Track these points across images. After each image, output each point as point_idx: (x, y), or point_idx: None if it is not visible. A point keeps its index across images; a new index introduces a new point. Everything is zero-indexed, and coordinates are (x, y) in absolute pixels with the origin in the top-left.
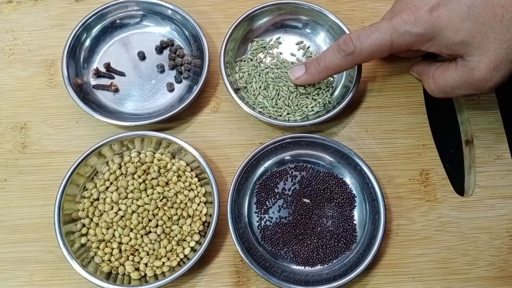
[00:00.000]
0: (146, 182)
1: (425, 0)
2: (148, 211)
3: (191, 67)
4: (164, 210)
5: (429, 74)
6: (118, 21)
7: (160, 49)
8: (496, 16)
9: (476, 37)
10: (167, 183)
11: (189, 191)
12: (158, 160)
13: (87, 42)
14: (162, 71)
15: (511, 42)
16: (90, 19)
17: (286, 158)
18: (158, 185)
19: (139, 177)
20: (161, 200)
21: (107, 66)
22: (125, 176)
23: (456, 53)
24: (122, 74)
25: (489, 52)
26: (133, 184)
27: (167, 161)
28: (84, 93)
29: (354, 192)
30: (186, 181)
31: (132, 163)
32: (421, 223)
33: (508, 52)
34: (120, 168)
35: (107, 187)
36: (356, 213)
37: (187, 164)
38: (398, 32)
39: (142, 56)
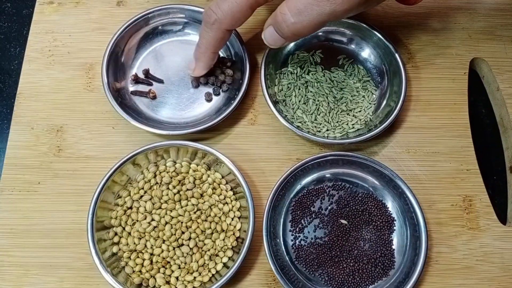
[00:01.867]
0: (181, 193)
1: None
2: (182, 223)
3: (232, 80)
4: (198, 223)
5: (281, 6)
6: (160, 27)
7: (212, 71)
8: None
9: None
10: (201, 195)
11: (224, 204)
12: (194, 171)
13: (128, 47)
14: (204, 84)
15: None
16: (132, 24)
17: (324, 176)
18: (192, 196)
19: (174, 187)
20: (195, 213)
21: (146, 72)
22: (159, 186)
23: None
24: (160, 81)
25: None
26: (167, 195)
27: (202, 172)
28: (121, 99)
29: (393, 215)
30: (221, 194)
31: (167, 172)
32: (463, 252)
33: None
34: (155, 177)
35: (141, 196)
36: (395, 238)
37: (223, 177)
38: None
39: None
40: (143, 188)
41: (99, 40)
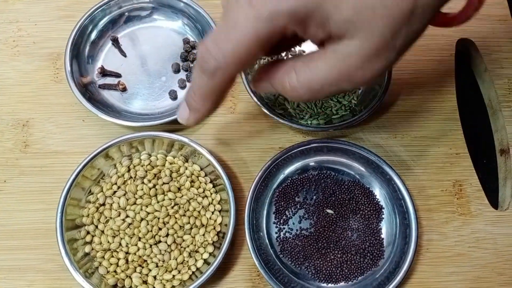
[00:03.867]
0: (157, 187)
1: None
2: (158, 218)
3: None
4: (176, 218)
5: (288, 69)
6: (126, 13)
7: (185, 57)
8: None
9: (362, 13)
10: (179, 189)
11: (203, 198)
12: (170, 164)
13: (93, 36)
14: (177, 71)
15: (400, 20)
16: (97, 11)
17: (308, 164)
18: (169, 190)
19: (149, 181)
20: (172, 207)
21: (102, 69)
22: (134, 180)
23: (334, 35)
24: (118, 75)
25: (374, 33)
26: (142, 189)
27: (179, 165)
28: (90, 93)
29: (382, 203)
30: (200, 187)
31: (142, 166)
32: (454, 239)
33: (394, 34)
34: (128, 171)
35: (114, 192)
36: (384, 227)
37: (201, 169)
38: (261, 17)
39: (173, 96)
40: (116, 183)
41: (67, 29)
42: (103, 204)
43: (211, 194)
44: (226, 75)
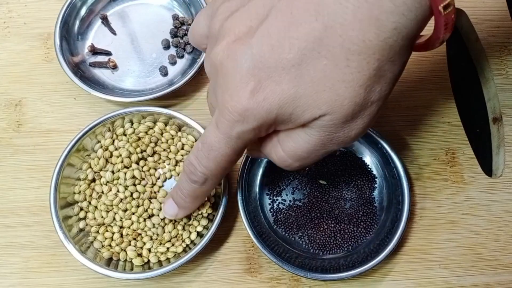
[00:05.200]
0: (145, 155)
1: (241, 84)
2: (150, 192)
3: None
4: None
5: (274, 142)
6: None
7: (175, 33)
8: (338, 61)
9: (321, 97)
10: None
11: None
12: (162, 132)
13: (82, 13)
14: (167, 47)
15: (367, 83)
16: None
17: None
18: (158, 159)
19: (135, 150)
20: (161, 179)
21: (92, 48)
22: (119, 152)
23: (308, 121)
24: (108, 53)
25: (343, 106)
26: (130, 160)
27: (172, 134)
28: (81, 71)
29: (374, 172)
30: None
31: (125, 135)
32: (447, 206)
33: (366, 96)
34: (113, 143)
35: (104, 166)
36: (376, 196)
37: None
38: (231, 138)
39: (164, 72)
40: (103, 157)
41: (56, 9)
42: (94, 180)
43: None
44: (215, 180)
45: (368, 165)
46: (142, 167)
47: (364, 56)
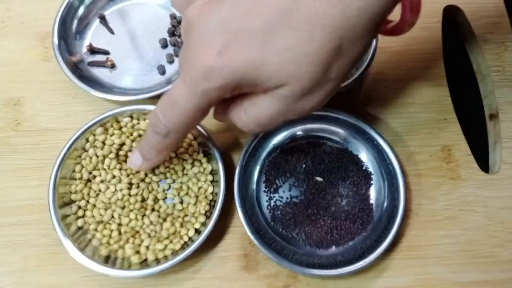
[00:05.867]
0: None
1: (209, 43)
2: (148, 190)
3: None
4: (164, 189)
5: (238, 107)
6: None
7: (172, 32)
8: (303, 33)
9: (286, 68)
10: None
11: (193, 166)
12: None
13: (80, 13)
14: (164, 46)
15: (327, 60)
16: None
17: (297, 133)
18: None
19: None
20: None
21: (90, 48)
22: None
23: (268, 88)
24: (106, 52)
25: (302, 78)
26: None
27: None
28: (80, 71)
29: (370, 169)
30: (192, 156)
31: (114, 129)
32: (444, 203)
33: (324, 72)
34: (106, 139)
35: (97, 164)
36: (373, 192)
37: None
38: (196, 94)
39: (162, 71)
40: (95, 155)
41: (54, 8)
42: (89, 180)
43: (202, 163)
44: (177, 135)
45: (364, 162)
46: None
47: (327, 30)
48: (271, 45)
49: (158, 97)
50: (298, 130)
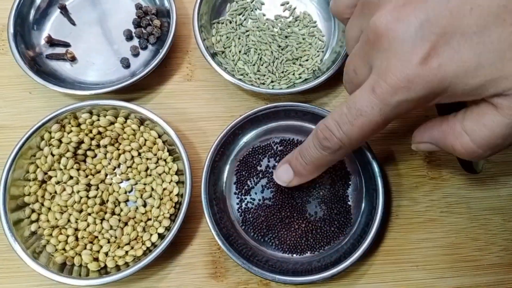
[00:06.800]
0: (104, 152)
1: (410, 50)
2: (108, 191)
3: (160, 33)
4: (126, 191)
5: (457, 132)
6: None
7: (138, 23)
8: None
9: (506, 67)
10: (132, 156)
11: (157, 166)
12: (123, 127)
13: (38, 3)
14: (129, 38)
15: None
16: None
17: (270, 131)
18: (119, 156)
19: (97, 146)
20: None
21: (49, 39)
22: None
23: (485, 96)
24: (67, 44)
25: None
26: (84, 157)
27: (134, 129)
28: (38, 65)
29: (348, 169)
30: (156, 154)
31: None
32: (425, 204)
33: None
34: (62, 136)
35: (52, 165)
36: (350, 193)
37: (159, 136)
38: (389, 106)
39: (126, 64)
40: (50, 154)
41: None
42: (44, 181)
43: (167, 163)
44: (346, 152)
45: (342, 161)
46: (96, 161)
47: None
48: (488, 45)
49: (121, 90)
50: (271, 128)
